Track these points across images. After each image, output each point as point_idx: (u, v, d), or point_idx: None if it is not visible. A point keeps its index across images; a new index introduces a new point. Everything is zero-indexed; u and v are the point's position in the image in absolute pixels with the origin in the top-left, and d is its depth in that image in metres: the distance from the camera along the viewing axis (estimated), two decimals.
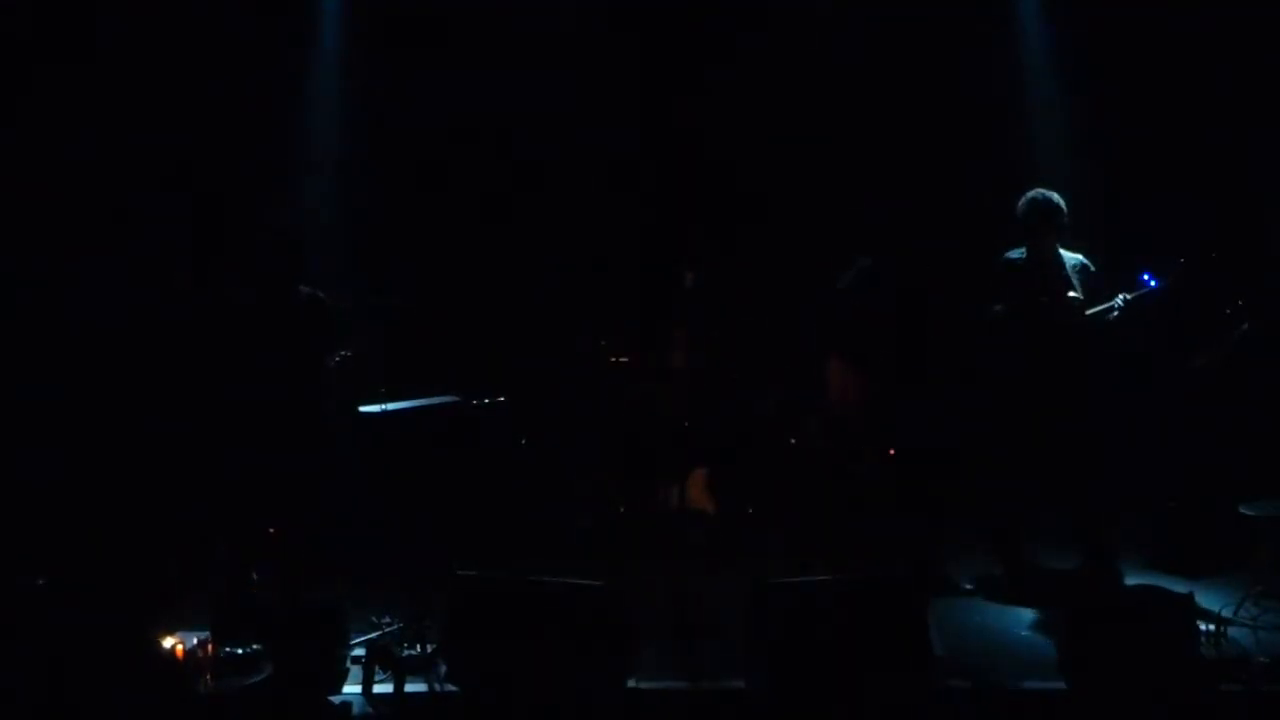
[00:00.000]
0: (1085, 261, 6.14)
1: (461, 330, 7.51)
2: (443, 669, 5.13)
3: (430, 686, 5.11)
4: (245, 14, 7.45)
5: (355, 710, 4.95)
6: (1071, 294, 6.01)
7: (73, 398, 7.11)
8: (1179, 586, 5.59)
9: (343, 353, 5.95)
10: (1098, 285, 6.06)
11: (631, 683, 5.03)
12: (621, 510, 6.95)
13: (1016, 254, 6.19)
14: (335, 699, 5.00)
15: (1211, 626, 5.22)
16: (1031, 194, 6.07)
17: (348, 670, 5.18)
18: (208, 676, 4.59)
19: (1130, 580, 6.09)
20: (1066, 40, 7.58)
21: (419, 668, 5.18)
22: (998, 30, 7.71)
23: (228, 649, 4.69)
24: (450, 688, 5.07)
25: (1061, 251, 6.13)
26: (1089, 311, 5.98)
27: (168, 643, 4.60)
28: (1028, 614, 5.84)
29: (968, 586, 6.25)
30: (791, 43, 7.76)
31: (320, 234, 6.86)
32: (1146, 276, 5.97)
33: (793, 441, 6.99)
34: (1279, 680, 4.95)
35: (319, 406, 6.09)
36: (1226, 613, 5.42)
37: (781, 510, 6.89)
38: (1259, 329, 6.00)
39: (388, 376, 6.39)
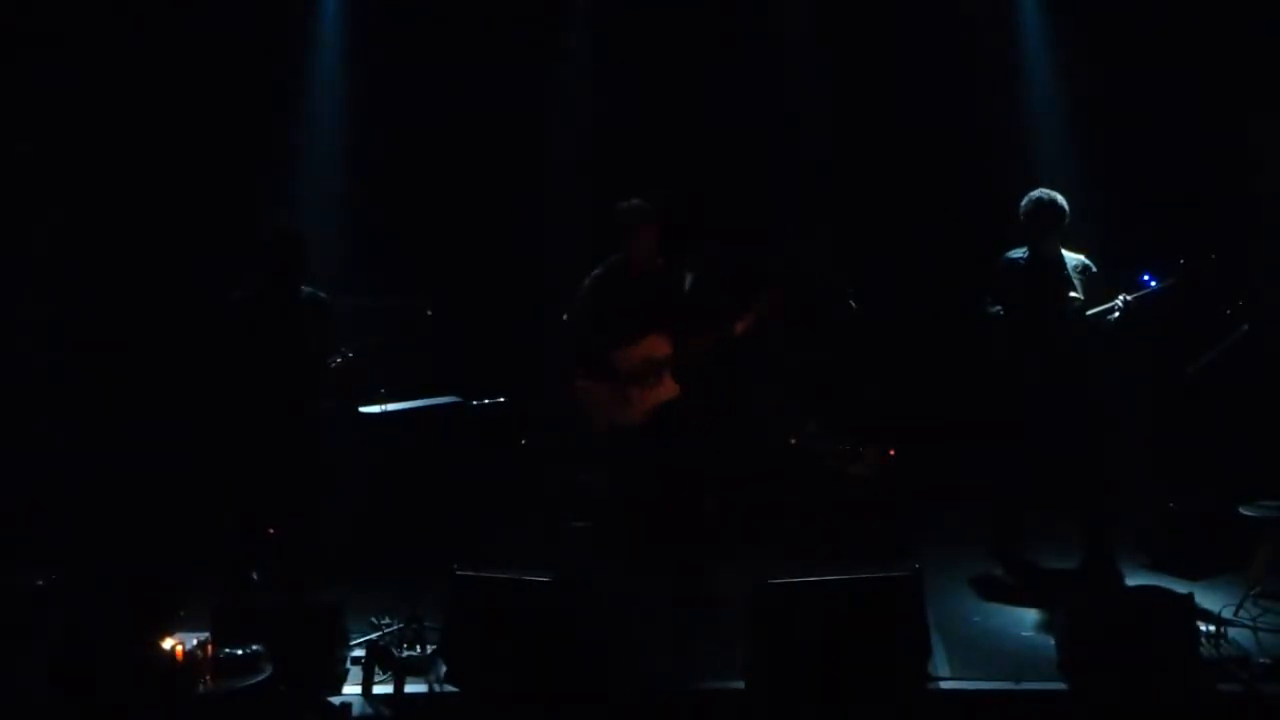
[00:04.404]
0: (1087, 262, 6.13)
1: (462, 330, 7.50)
2: (442, 669, 5.14)
3: (430, 686, 5.11)
4: (246, 12, 7.45)
5: (355, 710, 4.95)
6: (1073, 294, 6.01)
7: (73, 397, 7.12)
8: (1179, 586, 5.60)
9: (343, 353, 5.94)
10: (1099, 286, 6.06)
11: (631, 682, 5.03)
12: (623, 509, 6.93)
13: (1018, 254, 6.19)
14: (335, 699, 4.99)
15: (1211, 627, 5.23)
16: (1035, 194, 6.07)
17: (348, 670, 5.18)
18: (208, 676, 4.58)
19: (1130, 580, 6.09)
20: (1066, 38, 7.58)
21: (419, 668, 5.18)
22: (998, 29, 7.72)
23: (228, 649, 4.69)
24: (450, 688, 5.08)
25: (1064, 252, 6.13)
26: (1090, 312, 5.98)
27: (168, 643, 4.59)
28: (1028, 614, 5.83)
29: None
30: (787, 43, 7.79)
31: (320, 234, 6.85)
32: (1147, 277, 5.97)
33: (793, 441, 6.98)
34: (1279, 680, 4.95)
35: (319, 407, 6.09)
36: (1226, 613, 5.42)
37: (781, 510, 6.88)
38: (1259, 329, 5.99)
39: (388, 377, 6.39)
